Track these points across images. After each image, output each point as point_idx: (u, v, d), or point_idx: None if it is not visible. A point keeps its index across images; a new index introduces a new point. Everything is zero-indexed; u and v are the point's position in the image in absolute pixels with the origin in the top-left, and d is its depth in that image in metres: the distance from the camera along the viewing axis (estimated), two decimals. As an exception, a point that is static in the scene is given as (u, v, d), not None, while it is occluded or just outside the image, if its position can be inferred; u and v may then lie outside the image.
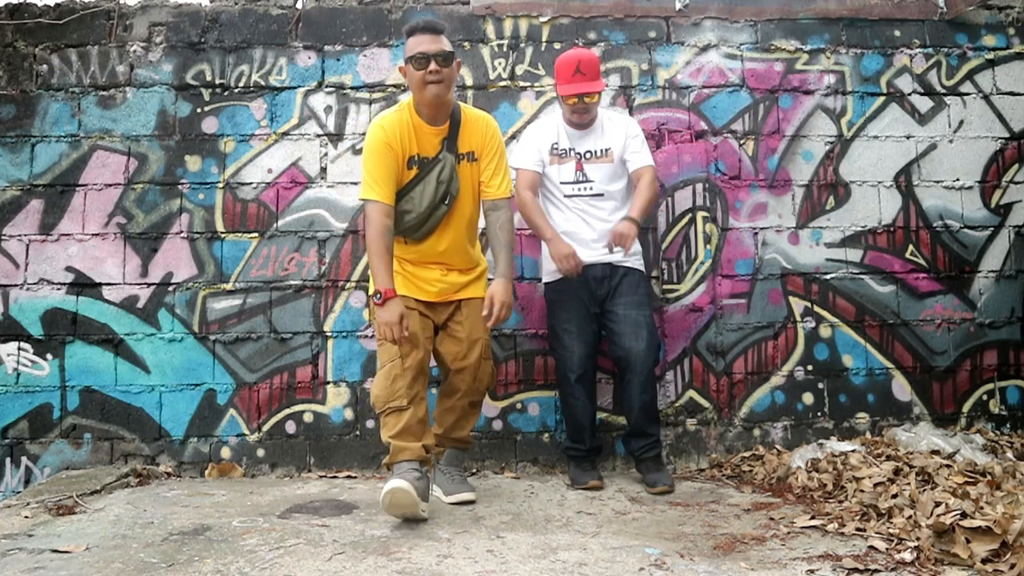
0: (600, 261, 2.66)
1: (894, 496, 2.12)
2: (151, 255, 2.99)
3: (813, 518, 2.10)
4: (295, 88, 3.08)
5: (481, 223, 2.52)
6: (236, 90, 3.08)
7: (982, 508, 1.85)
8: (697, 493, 2.55)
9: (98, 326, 2.95)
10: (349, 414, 2.94)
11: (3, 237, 2.98)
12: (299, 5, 3.14)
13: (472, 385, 2.42)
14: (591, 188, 2.69)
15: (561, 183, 2.71)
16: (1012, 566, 1.61)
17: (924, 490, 2.10)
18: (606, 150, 2.72)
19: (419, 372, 2.26)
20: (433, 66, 2.22)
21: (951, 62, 3.22)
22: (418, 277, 2.41)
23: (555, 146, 2.73)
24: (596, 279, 2.67)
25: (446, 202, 2.34)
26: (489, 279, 2.52)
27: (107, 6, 3.10)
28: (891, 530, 1.92)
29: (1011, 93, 3.22)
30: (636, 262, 2.72)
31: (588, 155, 2.71)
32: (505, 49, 3.13)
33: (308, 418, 2.95)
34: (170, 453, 2.92)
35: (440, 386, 2.54)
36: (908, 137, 3.17)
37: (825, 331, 3.07)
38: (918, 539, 1.81)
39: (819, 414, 3.03)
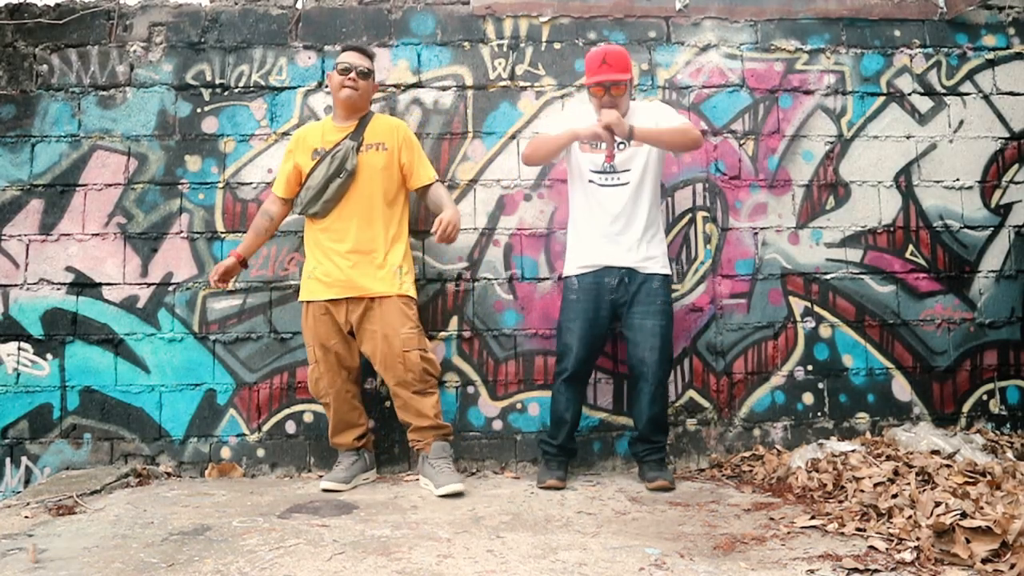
0: (617, 264, 2.63)
1: (894, 496, 2.12)
2: (151, 255, 2.99)
3: (813, 518, 2.10)
4: (295, 88, 3.09)
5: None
6: (236, 90, 3.08)
7: (982, 508, 1.85)
8: (697, 493, 2.55)
9: (98, 326, 2.95)
10: (349, 414, 2.93)
11: (3, 237, 2.98)
12: (299, 5, 3.14)
13: (403, 377, 2.59)
14: (618, 179, 2.66)
15: (592, 171, 2.68)
16: (1012, 566, 1.61)
17: (924, 490, 2.10)
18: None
19: (337, 368, 2.66)
20: (352, 75, 2.66)
21: (951, 62, 3.22)
22: (326, 274, 2.64)
23: None
24: (613, 283, 2.64)
25: (340, 175, 2.62)
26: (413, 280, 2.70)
27: (107, 6, 3.10)
28: (891, 530, 1.92)
29: (1011, 93, 3.22)
30: (657, 266, 2.66)
31: (621, 146, 2.66)
32: (505, 49, 3.13)
33: (308, 418, 2.95)
34: (170, 453, 2.92)
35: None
36: (908, 137, 3.17)
37: (825, 331, 3.07)
38: (918, 539, 1.81)
39: (819, 414, 3.03)
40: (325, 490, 2.56)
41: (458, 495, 2.47)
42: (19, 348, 2.94)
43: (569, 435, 2.68)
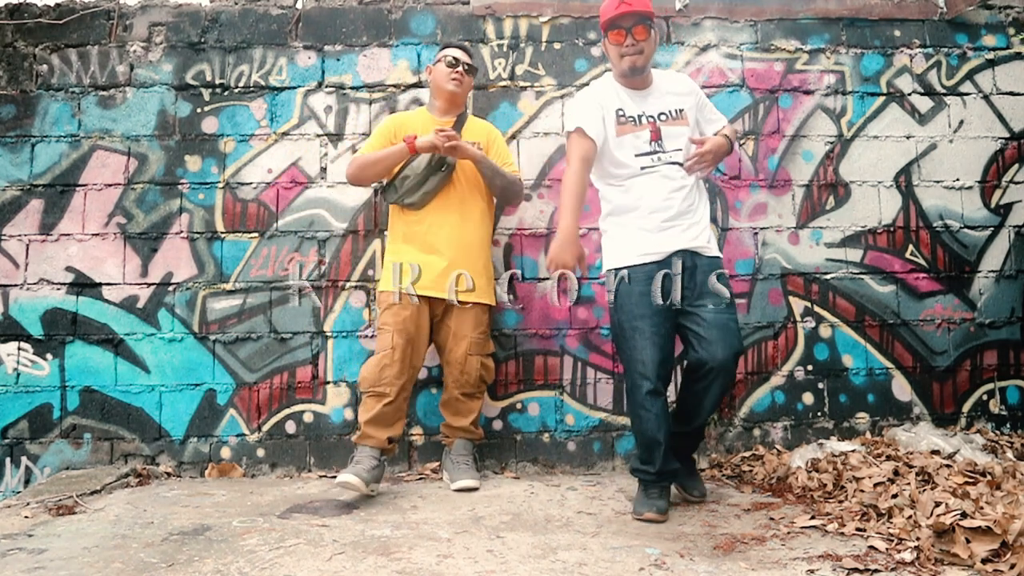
0: (682, 247, 2.27)
1: (894, 496, 2.12)
2: (151, 255, 2.99)
3: (813, 518, 2.10)
4: (295, 88, 3.08)
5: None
6: (236, 90, 3.08)
7: (982, 508, 1.85)
8: (697, 493, 2.55)
9: (98, 326, 2.95)
10: (349, 414, 2.94)
11: (3, 237, 2.98)
12: (299, 5, 3.14)
13: (459, 378, 2.66)
14: (669, 157, 2.32)
15: (637, 155, 2.31)
16: (1012, 566, 1.61)
17: (924, 490, 2.10)
18: (679, 111, 2.37)
19: (407, 365, 2.57)
20: (460, 68, 2.71)
21: (951, 62, 3.22)
22: (420, 269, 2.62)
23: (621, 113, 2.33)
24: (677, 272, 2.26)
25: (442, 168, 2.63)
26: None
27: (107, 6, 3.10)
28: (891, 530, 1.92)
29: (1011, 93, 3.22)
30: (717, 249, 2.36)
31: (663, 117, 2.34)
32: (505, 49, 3.13)
33: (308, 418, 2.95)
34: (170, 453, 2.92)
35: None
36: (908, 137, 3.17)
37: (825, 331, 3.07)
38: (918, 539, 1.81)
39: (819, 414, 3.03)
40: (344, 482, 2.37)
41: (472, 490, 2.55)
42: (19, 348, 2.93)
43: (665, 456, 2.24)
